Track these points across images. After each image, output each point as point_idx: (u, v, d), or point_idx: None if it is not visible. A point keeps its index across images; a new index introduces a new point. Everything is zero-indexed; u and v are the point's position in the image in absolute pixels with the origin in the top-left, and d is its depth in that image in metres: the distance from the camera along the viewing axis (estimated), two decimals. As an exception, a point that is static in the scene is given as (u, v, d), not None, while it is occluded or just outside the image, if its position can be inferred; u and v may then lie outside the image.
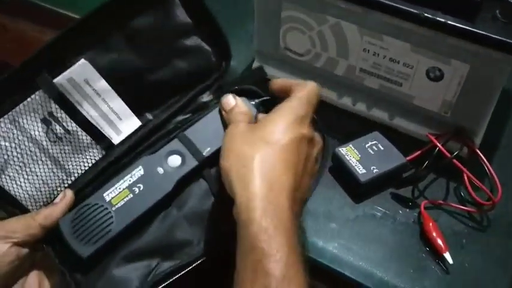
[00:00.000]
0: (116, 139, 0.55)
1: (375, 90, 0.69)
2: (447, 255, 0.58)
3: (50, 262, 0.51)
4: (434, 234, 0.60)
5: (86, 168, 0.55)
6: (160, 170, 0.54)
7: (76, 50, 0.53)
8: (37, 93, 0.52)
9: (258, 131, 0.47)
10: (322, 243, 0.61)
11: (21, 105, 0.51)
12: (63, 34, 0.52)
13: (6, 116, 0.51)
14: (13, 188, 0.52)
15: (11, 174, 0.51)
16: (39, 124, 0.52)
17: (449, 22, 0.56)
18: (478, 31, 0.56)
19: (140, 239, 0.54)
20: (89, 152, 0.55)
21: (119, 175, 0.54)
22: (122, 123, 0.56)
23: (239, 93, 0.55)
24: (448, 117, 0.66)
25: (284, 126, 0.46)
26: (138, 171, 0.54)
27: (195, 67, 0.59)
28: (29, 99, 0.51)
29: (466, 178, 0.63)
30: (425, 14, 0.57)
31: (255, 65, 0.77)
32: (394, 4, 0.58)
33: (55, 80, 0.52)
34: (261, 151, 0.44)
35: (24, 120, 0.51)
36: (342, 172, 0.65)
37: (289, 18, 0.68)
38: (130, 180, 0.54)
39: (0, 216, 0.51)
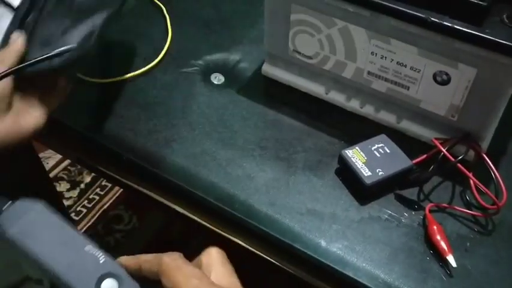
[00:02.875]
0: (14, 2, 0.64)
1: (382, 94, 0.70)
2: (451, 258, 0.58)
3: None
4: (438, 237, 0.60)
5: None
6: None
7: None
8: None
9: None
10: (326, 244, 0.61)
11: None
12: None
13: None
14: None
15: None
16: None
17: (456, 26, 0.57)
18: (485, 36, 0.56)
19: None
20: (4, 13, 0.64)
21: None
22: None
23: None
24: (455, 121, 0.66)
25: None
26: None
27: None
28: None
29: (471, 182, 0.63)
30: (432, 18, 0.57)
31: (265, 66, 0.78)
32: (401, 8, 0.59)
33: None
34: None
35: None
36: (347, 174, 0.65)
37: (298, 21, 0.69)
38: None
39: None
